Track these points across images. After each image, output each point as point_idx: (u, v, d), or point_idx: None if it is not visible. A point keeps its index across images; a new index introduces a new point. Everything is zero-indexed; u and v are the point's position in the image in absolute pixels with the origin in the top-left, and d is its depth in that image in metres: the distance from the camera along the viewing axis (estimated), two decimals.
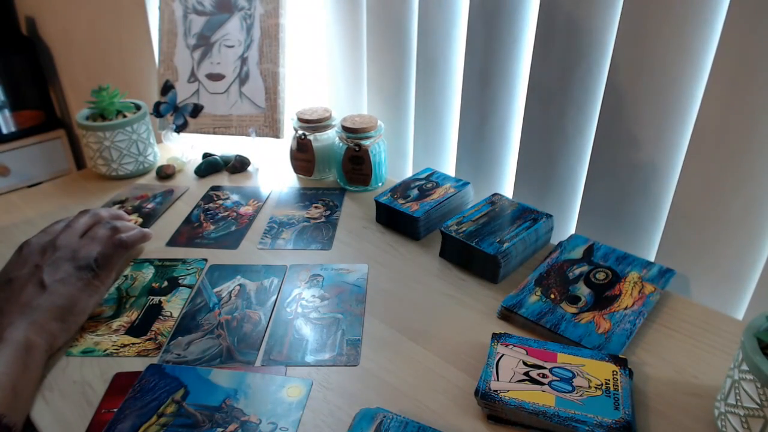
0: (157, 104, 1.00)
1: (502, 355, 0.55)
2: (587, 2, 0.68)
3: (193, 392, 0.54)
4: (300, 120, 0.90)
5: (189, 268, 0.73)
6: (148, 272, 0.72)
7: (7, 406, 0.49)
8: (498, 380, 0.52)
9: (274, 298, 0.67)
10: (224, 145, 1.02)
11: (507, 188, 0.88)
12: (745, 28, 0.57)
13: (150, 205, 0.87)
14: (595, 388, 0.51)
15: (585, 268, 0.67)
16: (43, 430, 0.51)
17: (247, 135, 0.96)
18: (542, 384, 0.51)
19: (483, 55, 0.80)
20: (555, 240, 0.76)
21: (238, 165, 0.97)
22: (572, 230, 0.82)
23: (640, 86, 0.67)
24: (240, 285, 0.69)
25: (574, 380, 0.52)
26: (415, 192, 0.81)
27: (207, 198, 0.89)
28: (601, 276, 0.66)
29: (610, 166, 0.73)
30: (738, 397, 0.46)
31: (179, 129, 0.99)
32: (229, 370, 0.57)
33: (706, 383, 0.54)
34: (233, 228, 0.81)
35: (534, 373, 0.53)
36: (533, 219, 0.73)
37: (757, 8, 0.55)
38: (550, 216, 0.75)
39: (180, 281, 0.70)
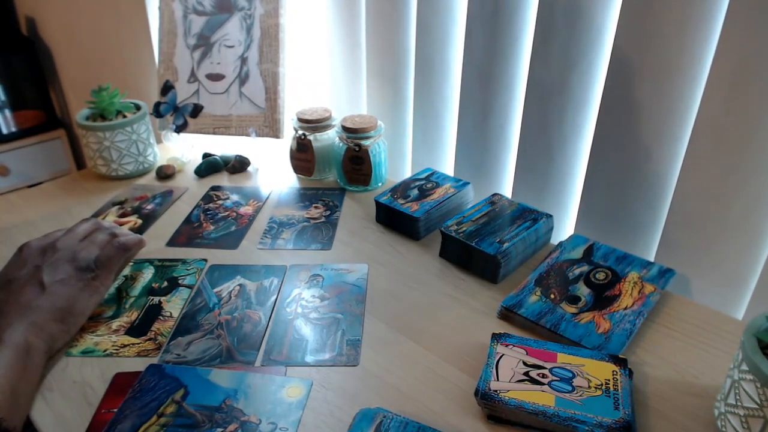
0: (157, 104, 1.00)
1: (502, 355, 0.55)
2: (587, 1, 0.68)
3: (193, 392, 0.54)
4: (300, 120, 0.90)
5: (189, 268, 0.73)
6: (148, 272, 0.72)
7: (7, 409, 0.49)
8: (498, 380, 0.52)
9: (274, 298, 0.67)
10: (224, 145, 1.02)
11: (507, 188, 0.88)
12: (745, 28, 0.57)
13: (149, 206, 0.87)
14: (595, 388, 0.51)
15: (585, 268, 0.67)
16: (43, 430, 0.52)
17: (247, 135, 0.96)
18: (542, 384, 0.51)
19: (482, 54, 0.80)
20: (555, 240, 0.76)
21: (238, 165, 0.97)
22: (572, 230, 0.82)
23: (640, 85, 0.67)
24: (240, 285, 0.69)
25: (574, 380, 0.52)
26: (415, 192, 0.81)
27: (207, 198, 0.89)
28: (601, 276, 0.66)
29: (609, 165, 0.73)
30: (738, 397, 0.46)
31: (179, 129, 0.99)
32: (229, 370, 0.57)
33: (706, 383, 0.54)
34: (233, 228, 0.81)
35: (534, 373, 0.53)
36: (533, 219, 0.73)
37: (757, 8, 0.55)
38: (550, 216, 0.75)
39: (180, 281, 0.70)
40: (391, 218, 0.80)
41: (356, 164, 0.88)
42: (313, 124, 0.90)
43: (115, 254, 0.65)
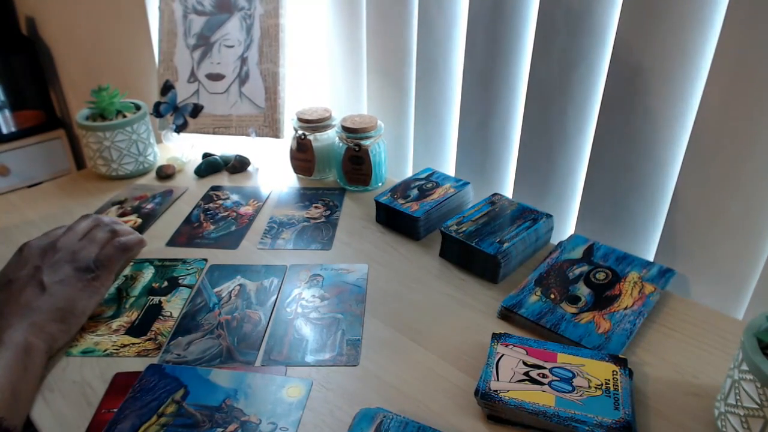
0: (157, 104, 1.00)
1: (502, 355, 0.55)
2: (588, 1, 0.68)
3: (193, 392, 0.54)
4: (300, 120, 0.90)
5: (189, 268, 0.73)
6: (148, 272, 0.72)
7: (7, 409, 0.49)
8: (498, 380, 0.52)
9: (274, 298, 0.67)
10: (224, 145, 1.02)
11: (507, 188, 0.88)
12: (744, 27, 0.57)
13: (149, 206, 0.87)
14: (595, 388, 0.51)
15: (585, 268, 0.67)
16: (43, 430, 0.52)
17: (247, 135, 0.96)
18: (542, 384, 0.51)
19: (483, 54, 0.80)
20: (555, 240, 0.76)
21: (238, 165, 0.97)
22: (572, 230, 0.82)
23: (640, 85, 0.67)
24: (240, 285, 0.69)
25: (574, 380, 0.52)
26: (415, 192, 0.81)
27: (207, 198, 0.89)
28: (601, 276, 0.66)
29: (609, 165, 0.73)
30: (738, 397, 0.46)
31: (179, 129, 0.99)
32: (229, 370, 0.57)
33: (706, 383, 0.54)
34: (233, 228, 0.81)
35: (534, 373, 0.53)
36: (533, 219, 0.73)
37: (756, 6, 0.55)
38: (550, 216, 0.75)
39: (180, 281, 0.70)
40: (391, 218, 0.80)
41: (356, 164, 0.88)
42: (313, 124, 0.90)
43: (115, 254, 0.65)
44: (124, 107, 0.94)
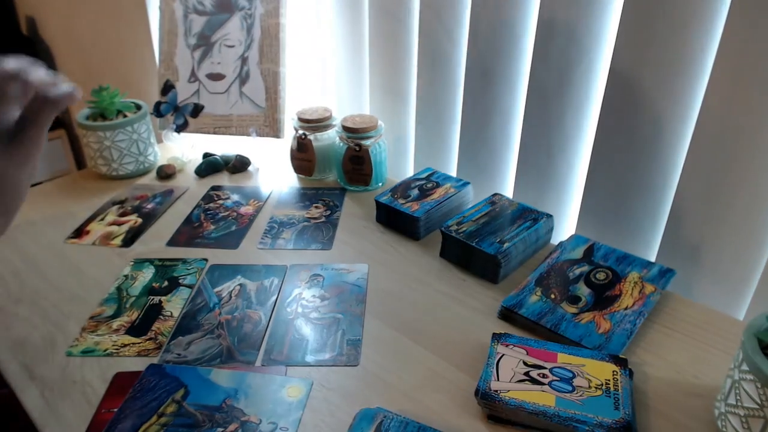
0: (158, 104, 1.00)
1: (503, 355, 0.55)
2: (587, 1, 0.68)
3: (193, 392, 0.54)
4: (300, 120, 0.90)
5: (189, 268, 0.73)
6: (149, 272, 0.72)
7: None
8: (498, 380, 0.52)
9: (274, 298, 0.67)
10: (224, 145, 1.02)
11: (507, 188, 0.88)
12: (746, 29, 0.57)
13: (150, 205, 0.87)
14: (595, 388, 0.51)
15: (585, 268, 0.67)
16: (43, 429, 0.52)
17: (248, 135, 0.96)
18: (542, 384, 0.51)
19: (485, 55, 0.80)
20: (555, 240, 0.76)
21: (239, 165, 0.97)
22: (572, 230, 0.82)
23: (641, 86, 0.67)
24: (240, 285, 0.69)
25: (574, 380, 0.52)
26: (415, 192, 0.81)
27: (207, 198, 0.89)
28: (601, 276, 0.66)
29: (610, 166, 0.73)
30: (738, 397, 0.46)
31: (179, 129, 0.99)
32: (229, 370, 0.57)
33: (706, 383, 0.54)
34: (233, 228, 0.81)
35: (534, 373, 0.53)
36: (533, 219, 0.73)
37: (758, 7, 0.55)
38: (550, 216, 0.75)
39: (180, 281, 0.70)
40: (392, 218, 0.80)
41: (356, 164, 0.88)
42: (313, 123, 0.90)
43: (40, 109, 0.51)
44: (125, 107, 0.94)
